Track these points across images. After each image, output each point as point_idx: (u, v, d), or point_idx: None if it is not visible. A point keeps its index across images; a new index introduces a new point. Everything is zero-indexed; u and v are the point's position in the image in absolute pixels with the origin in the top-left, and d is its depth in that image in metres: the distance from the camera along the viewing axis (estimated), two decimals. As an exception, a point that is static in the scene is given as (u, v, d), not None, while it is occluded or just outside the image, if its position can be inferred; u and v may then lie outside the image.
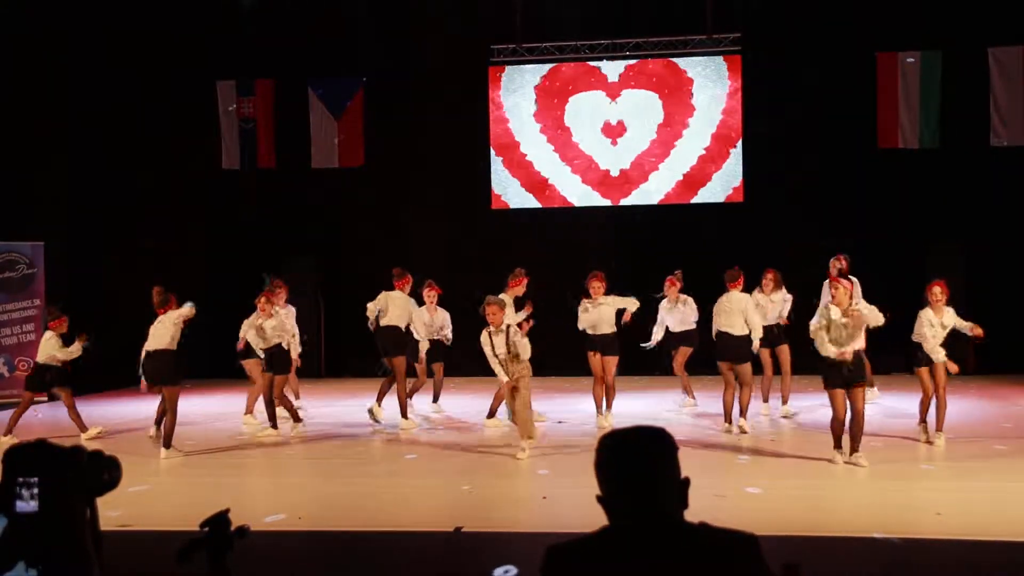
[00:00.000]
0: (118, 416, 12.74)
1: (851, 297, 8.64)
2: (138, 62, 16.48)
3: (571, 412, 12.32)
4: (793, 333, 11.13)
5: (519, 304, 11.08)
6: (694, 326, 12.00)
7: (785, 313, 11.59)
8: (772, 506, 7.34)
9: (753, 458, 9.22)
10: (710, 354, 10.95)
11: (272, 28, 16.49)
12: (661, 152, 16.35)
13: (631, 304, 11.11)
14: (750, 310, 10.46)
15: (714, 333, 10.68)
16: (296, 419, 11.00)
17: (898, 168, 15.47)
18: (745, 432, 10.28)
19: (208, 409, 13.25)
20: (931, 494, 7.60)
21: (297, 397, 12.76)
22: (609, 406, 11.15)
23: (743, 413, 10.41)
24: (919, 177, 15.33)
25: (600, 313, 10.95)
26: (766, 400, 11.80)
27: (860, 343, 8.56)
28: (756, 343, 10.51)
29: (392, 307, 11.22)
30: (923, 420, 9.79)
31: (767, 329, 11.24)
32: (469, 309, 12.51)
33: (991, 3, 14.93)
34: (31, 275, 14.96)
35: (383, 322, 11.18)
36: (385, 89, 16.72)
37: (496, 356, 9.35)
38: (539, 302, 11.52)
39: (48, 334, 11.27)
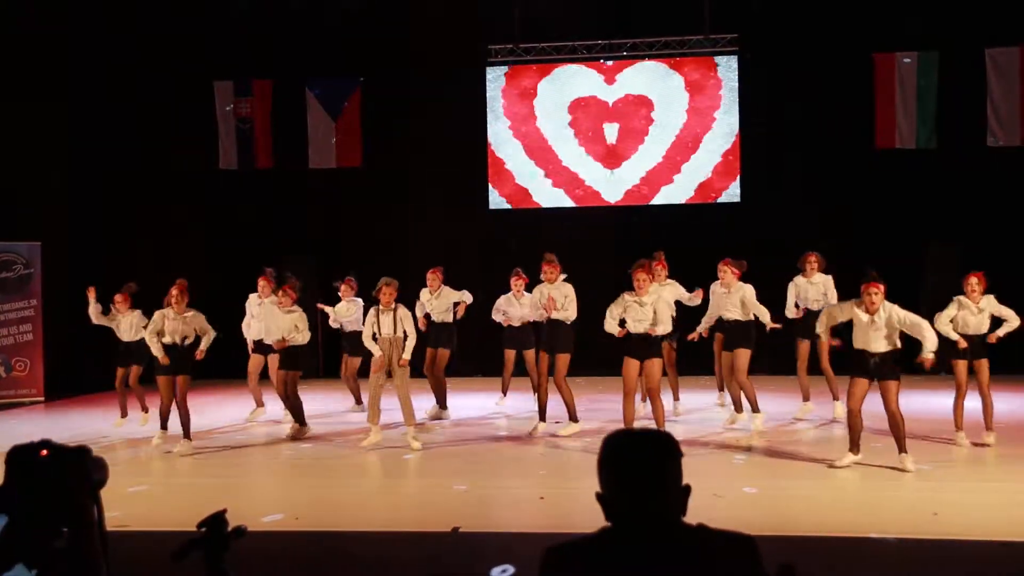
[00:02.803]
0: (113, 417, 12.71)
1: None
2: (136, 62, 16.50)
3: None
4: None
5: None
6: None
7: (831, 296, 11.10)
8: (768, 506, 7.34)
9: (750, 458, 9.23)
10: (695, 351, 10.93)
11: (269, 28, 16.48)
12: (658, 152, 16.37)
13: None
14: (749, 299, 10.58)
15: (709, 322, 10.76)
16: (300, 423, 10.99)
17: (895, 168, 15.50)
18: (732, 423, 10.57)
19: (206, 408, 13.23)
20: (927, 494, 7.61)
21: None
22: (660, 421, 9.44)
23: (737, 407, 10.69)
24: (916, 177, 15.35)
25: (643, 311, 9.41)
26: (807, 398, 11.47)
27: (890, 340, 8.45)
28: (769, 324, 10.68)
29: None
30: (959, 425, 9.56)
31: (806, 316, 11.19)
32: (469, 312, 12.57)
33: (988, 4, 14.96)
34: (28, 275, 14.95)
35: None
36: (382, 89, 16.72)
37: (378, 335, 9.88)
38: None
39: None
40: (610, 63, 16.51)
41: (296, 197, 16.93)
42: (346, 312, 12.71)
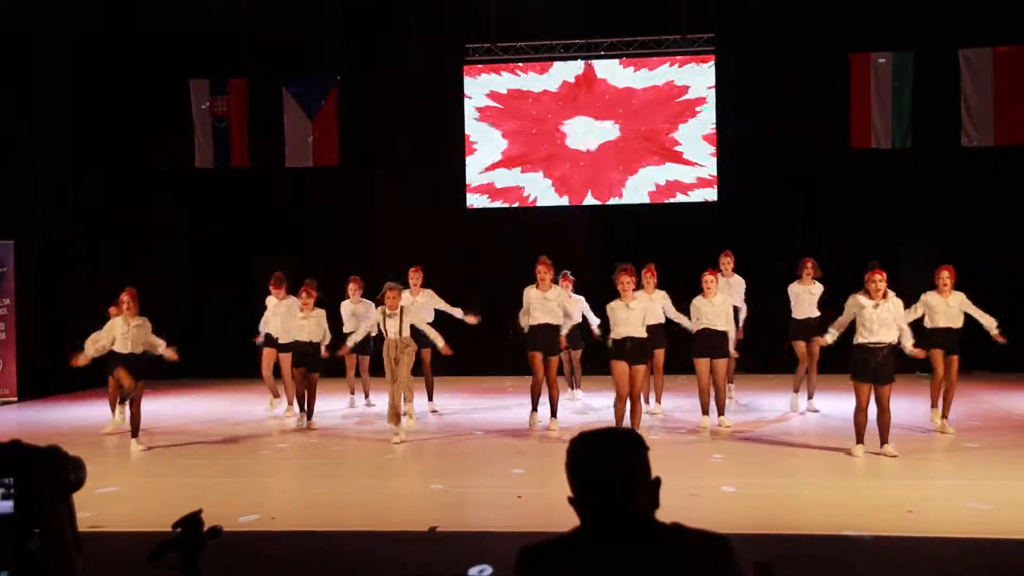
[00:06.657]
0: (87, 417, 12.62)
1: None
2: (110, 60, 16.37)
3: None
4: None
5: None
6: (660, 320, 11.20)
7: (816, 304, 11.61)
8: (746, 504, 7.37)
9: (727, 457, 9.26)
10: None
11: (246, 26, 16.39)
12: (635, 151, 16.40)
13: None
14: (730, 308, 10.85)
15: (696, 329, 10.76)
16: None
17: (871, 167, 15.61)
18: (728, 426, 10.59)
19: (180, 409, 13.16)
20: (902, 492, 7.66)
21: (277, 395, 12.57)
22: (637, 423, 9.69)
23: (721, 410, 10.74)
24: (891, 176, 15.47)
25: (630, 315, 9.57)
26: (798, 392, 11.85)
27: (892, 338, 8.81)
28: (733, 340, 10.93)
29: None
30: (935, 404, 10.13)
31: (803, 321, 11.51)
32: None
33: (962, 4, 15.08)
34: (0, 274, 14.76)
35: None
36: (359, 88, 16.67)
37: (385, 337, 10.31)
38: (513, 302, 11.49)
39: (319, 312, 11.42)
40: (587, 62, 16.52)
41: (272, 196, 16.86)
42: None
